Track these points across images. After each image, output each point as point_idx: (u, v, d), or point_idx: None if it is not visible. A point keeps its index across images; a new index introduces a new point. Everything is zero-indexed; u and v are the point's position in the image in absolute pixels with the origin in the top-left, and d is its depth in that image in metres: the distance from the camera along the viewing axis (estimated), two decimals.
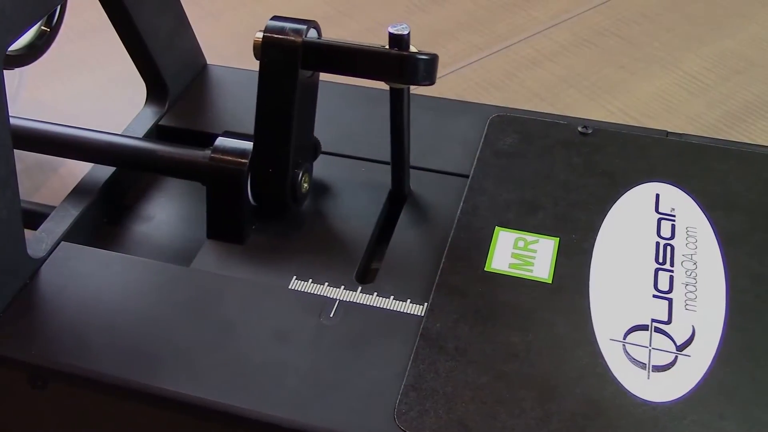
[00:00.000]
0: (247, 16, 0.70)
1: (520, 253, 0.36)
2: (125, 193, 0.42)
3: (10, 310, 0.34)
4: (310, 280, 0.35)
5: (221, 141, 0.38)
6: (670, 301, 0.34)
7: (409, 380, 0.31)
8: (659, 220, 0.37)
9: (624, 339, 0.32)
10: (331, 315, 0.34)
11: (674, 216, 0.37)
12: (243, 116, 0.45)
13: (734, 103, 0.59)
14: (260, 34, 0.37)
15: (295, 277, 0.36)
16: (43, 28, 0.49)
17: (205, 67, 0.48)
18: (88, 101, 0.61)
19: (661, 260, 0.35)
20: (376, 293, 0.35)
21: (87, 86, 0.62)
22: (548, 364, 0.31)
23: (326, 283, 0.35)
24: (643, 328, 0.33)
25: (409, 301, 0.34)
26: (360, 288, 0.35)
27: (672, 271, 0.35)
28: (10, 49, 0.42)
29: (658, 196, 0.38)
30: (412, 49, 0.36)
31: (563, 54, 0.65)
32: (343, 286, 0.35)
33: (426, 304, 0.34)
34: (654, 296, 0.34)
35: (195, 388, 0.31)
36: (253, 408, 0.31)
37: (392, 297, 0.34)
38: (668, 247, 0.36)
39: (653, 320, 0.33)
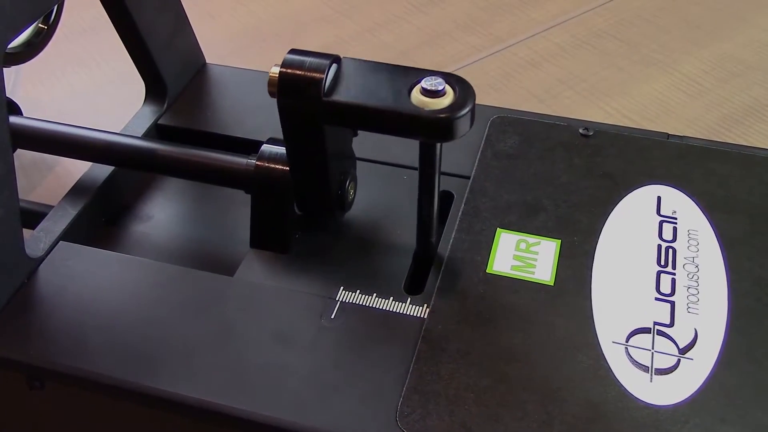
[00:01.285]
0: (245, 16, 0.70)
1: (522, 255, 0.35)
2: (123, 193, 0.42)
3: (8, 310, 0.34)
4: (358, 291, 0.35)
5: (266, 148, 0.37)
6: (673, 304, 0.33)
7: (411, 382, 0.31)
8: (661, 223, 0.37)
9: (626, 342, 0.32)
10: (332, 317, 0.33)
11: (676, 218, 0.37)
12: (242, 116, 0.44)
13: (732, 106, 0.59)
14: (276, 70, 0.33)
15: (342, 287, 0.35)
16: (40, 25, 0.49)
17: (204, 66, 0.48)
18: (85, 100, 0.60)
19: (662, 263, 0.35)
20: (425, 305, 0.34)
21: (84, 85, 0.62)
22: (550, 366, 0.31)
23: (374, 294, 0.35)
24: (646, 330, 0.32)
25: (409, 301, 0.34)
26: (409, 299, 0.34)
27: (674, 274, 0.35)
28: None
29: (659, 198, 0.38)
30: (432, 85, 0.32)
31: (561, 56, 0.64)
32: (392, 297, 0.34)
33: (425, 305, 0.34)
34: (656, 299, 0.34)
35: (194, 389, 0.31)
36: (254, 410, 0.30)
37: (425, 305, 0.34)
38: (670, 250, 0.36)
39: (655, 323, 0.33)
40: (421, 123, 0.32)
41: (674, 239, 0.36)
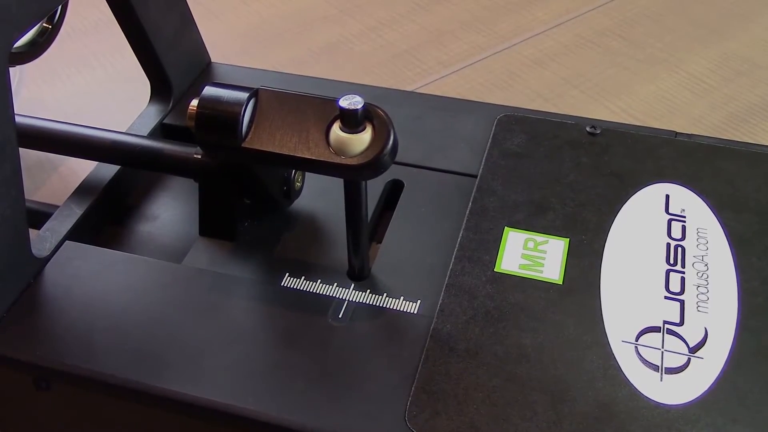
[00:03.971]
0: (249, 15, 0.70)
1: (530, 254, 0.35)
2: (129, 192, 0.42)
3: (14, 310, 0.34)
4: (303, 277, 0.35)
5: None
6: (682, 302, 0.33)
7: (419, 382, 0.31)
8: (669, 221, 0.37)
9: (636, 341, 0.32)
10: (340, 315, 0.33)
11: (684, 217, 0.37)
12: None
13: (738, 105, 0.59)
14: (195, 103, 0.33)
15: (287, 273, 0.35)
16: (44, 25, 0.49)
17: (209, 65, 0.48)
18: (89, 99, 0.60)
19: (672, 261, 0.35)
20: (369, 290, 0.34)
21: (87, 84, 0.62)
22: (560, 366, 0.31)
23: (319, 280, 0.35)
24: (656, 329, 0.32)
25: (401, 298, 0.34)
26: (353, 285, 0.35)
27: (683, 273, 0.34)
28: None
29: (667, 196, 0.38)
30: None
31: (566, 54, 0.64)
32: (335, 283, 0.35)
33: (419, 301, 0.34)
34: (666, 298, 0.33)
35: (202, 389, 0.31)
36: (260, 410, 0.30)
37: (385, 294, 0.34)
38: (679, 248, 0.35)
39: (665, 322, 0.33)
40: (340, 169, 0.31)
41: (683, 237, 0.36)
